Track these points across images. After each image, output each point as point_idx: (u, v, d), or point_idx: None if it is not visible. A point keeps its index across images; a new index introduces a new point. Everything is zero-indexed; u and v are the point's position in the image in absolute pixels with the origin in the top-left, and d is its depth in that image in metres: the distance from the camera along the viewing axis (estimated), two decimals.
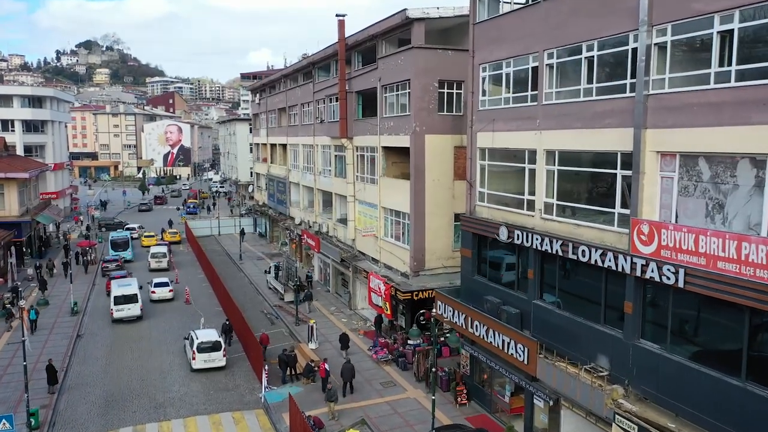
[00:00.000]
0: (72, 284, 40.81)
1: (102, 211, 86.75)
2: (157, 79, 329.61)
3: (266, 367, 27.19)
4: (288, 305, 40.76)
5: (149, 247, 59.26)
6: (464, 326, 23.94)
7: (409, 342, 30.38)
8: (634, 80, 16.61)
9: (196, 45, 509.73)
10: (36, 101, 73.83)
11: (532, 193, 21.31)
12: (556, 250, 19.47)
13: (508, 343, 21.08)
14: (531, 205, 21.38)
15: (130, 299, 37.41)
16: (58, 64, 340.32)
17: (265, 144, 64.86)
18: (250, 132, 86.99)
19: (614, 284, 17.75)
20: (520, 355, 20.50)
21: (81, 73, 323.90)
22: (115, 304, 37.21)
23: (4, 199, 49.72)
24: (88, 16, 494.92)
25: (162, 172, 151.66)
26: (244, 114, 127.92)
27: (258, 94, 67.63)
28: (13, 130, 71.29)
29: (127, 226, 70.03)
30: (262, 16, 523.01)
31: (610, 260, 17.28)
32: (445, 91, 30.57)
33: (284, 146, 57.92)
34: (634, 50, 16.55)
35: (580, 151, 18.98)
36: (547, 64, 20.17)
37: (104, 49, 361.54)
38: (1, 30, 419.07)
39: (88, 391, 27.27)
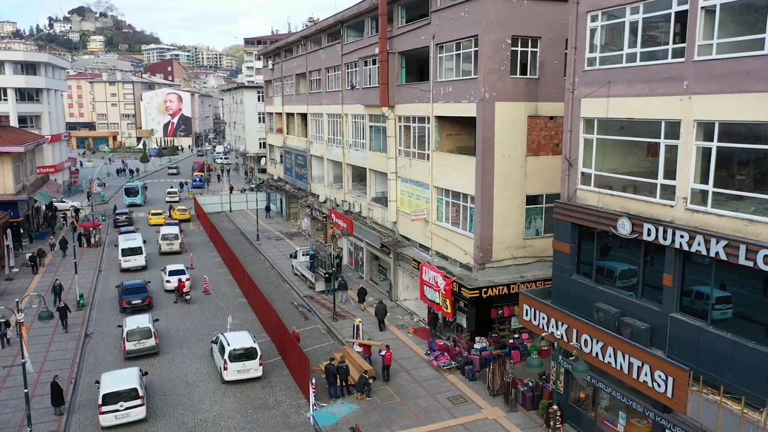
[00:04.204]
0: (77, 274, 36.24)
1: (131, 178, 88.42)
2: (153, 46, 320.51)
3: (313, 381, 22.84)
4: (320, 295, 36.36)
5: (157, 226, 54.84)
6: (565, 338, 19.48)
7: (475, 346, 26.07)
8: None
9: (186, 11, 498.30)
10: (30, 68, 68.21)
11: (670, 176, 16.63)
12: (716, 253, 14.88)
13: (640, 368, 16.64)
14: (668, 192, 16.72)
15: (136, 251, 42.05)
16: (51, 31, 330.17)
17: (281, 113, 59.70)
18: (259, 100, 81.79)
19: None
20: (659, 385, 16.07)
21: (75, 40, 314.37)
22: (122, 256, 41.73)
23: None
24: None
25: (162, 143, 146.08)
26: (248, 81, 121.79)
27: (271, 59, 62.18)
28: (5, 99, 65.91)
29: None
30: None
31: None
32: (519, 49, 25.62)
33: (304, 116, 52.82)
34: None
35: (762, 123, 14.21)
36: (703, 7, 15.27)
37: (98, 15, 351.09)
38: None
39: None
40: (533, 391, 22.52)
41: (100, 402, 21.39)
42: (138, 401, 21.70)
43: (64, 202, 63.11)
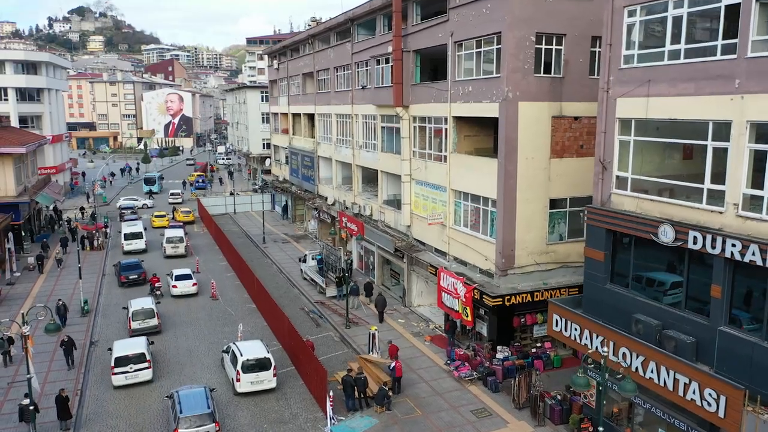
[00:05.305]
0: (81, 279, 35.21)
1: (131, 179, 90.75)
2: (152, 46, 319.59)
3: (331, 393, 21.82)
4: (331, 301, 35.35)
5: (161, 228, 53.85)
6: (601, 351, 18.44)
7: (497, 356, 25.06)
8: None
9: (186, 11, 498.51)
10: (30, 67, 67.07)
11: (718, 180, 15.64)
12: None
13: (687, 385, 15.62)
14: (716, 198, 15.73)
15: (137, 236, 46.76)
16: (50, 31, 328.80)
17: (286, 114, 58.64)
18: (263, 100, 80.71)
19: None
20: (709, 404, 15.06)
21: (74, 40, 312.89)
22: (125, 240, 46.48)
23: None
24: None
25: (163, 143, 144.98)
26: (250, 81, 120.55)
27: (276, 59, 61.12)
28: (6, 99, 64.79)
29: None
30: None
31: None
32: (543, 47, 24.63)
33: (311, 116, 51.82)
34: None
35: None
36: (758, 0, 14.28)
37: (97, 15, 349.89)
38: None
39: (112, 425, 21.89)
40: (562, 405, 21.52)
41: (112, 364, 24.21)
42: (145, 364, 24.61)
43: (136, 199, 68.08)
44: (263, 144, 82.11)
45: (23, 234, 46.39)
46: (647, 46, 17.80)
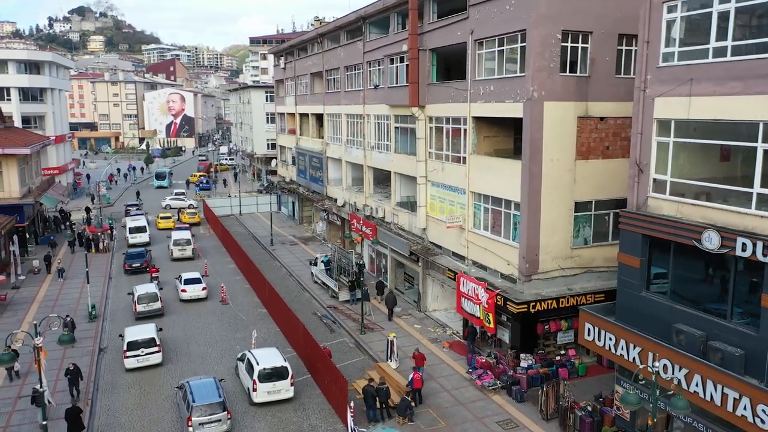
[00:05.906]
0: (88, 283, 34.37)
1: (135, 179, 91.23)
2: (153, 46, 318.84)
3: (351, 404, 21.00)
4: (344, 305, 34.53)
5: (167, 230, 53.06)
6: (638, 362, 17.67)
7: (521, 364, 24.26)
8: None
9: (186, 11, 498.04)
10: (33, 67, 66.37)
11: None
12: None
13: (737, 400, 14.82)
14: (765, 202, 14.93)
15: (141, 230, 49.03)
16: (50, 31, 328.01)
17: (293, 114, 57.84)
18: (268, 100, 79.88)
19: None
20: (762, 421, 14.25)
21: (75, 40, 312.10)
22: (130, 233, 48.65)
23: (2, 178, 43.01)
24: None
25: (165, 143, 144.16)
26: (253, 81, 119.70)
27: (283, 58, 60.29)
28: (9, 99, 64.07)
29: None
30: None
31: None
32: (569, 45, 23.82)
33: (319, 116, 50.99)
34: None
35: None
36: None
37: (98, 15, 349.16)
38: None
39: None
40: (593, 416, 20.70)
41: (124, 348, 25.89)
42: (155, 348, 26.20)
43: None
44: (268, 144, 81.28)
45: (27, 236, 45.58)
46: (688, 43, 16.99)
